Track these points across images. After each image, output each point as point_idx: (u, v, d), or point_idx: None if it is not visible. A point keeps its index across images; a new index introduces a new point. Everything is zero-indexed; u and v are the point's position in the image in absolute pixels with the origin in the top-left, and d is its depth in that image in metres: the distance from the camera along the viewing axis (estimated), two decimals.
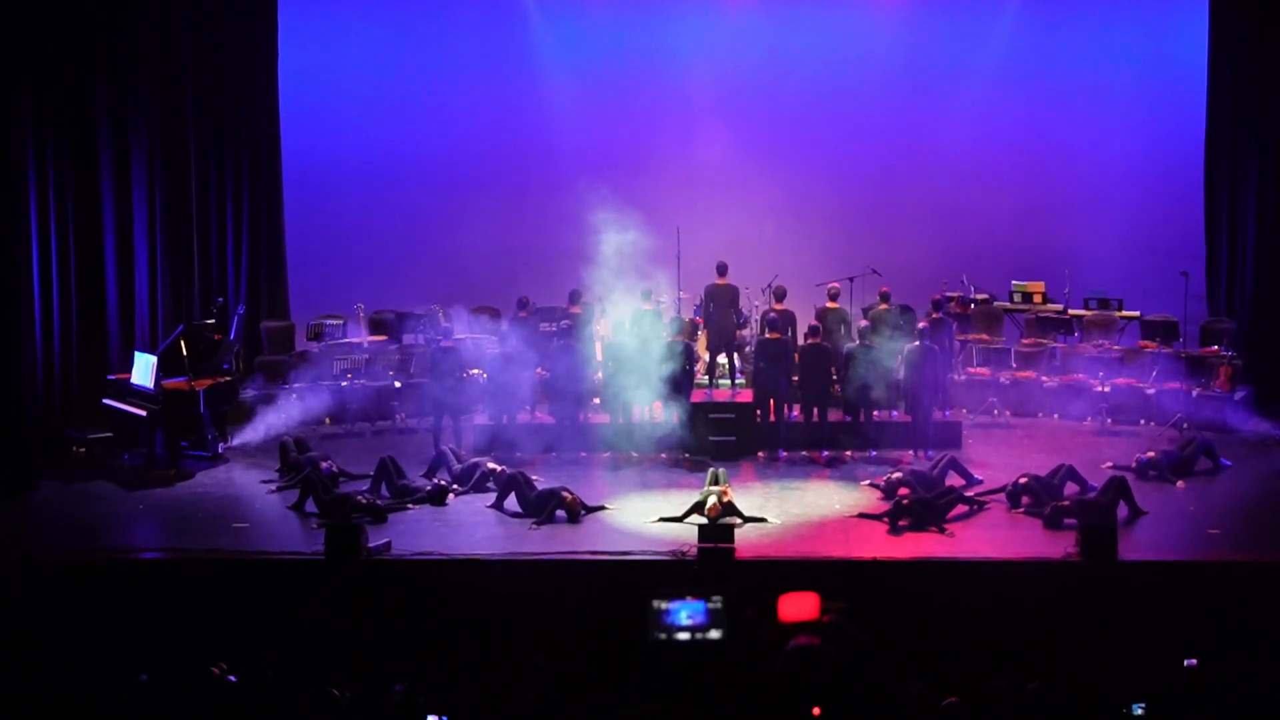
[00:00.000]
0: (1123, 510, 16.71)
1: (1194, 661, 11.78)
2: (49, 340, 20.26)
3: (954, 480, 18.10)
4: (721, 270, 21.23)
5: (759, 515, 16.84)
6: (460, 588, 15.07)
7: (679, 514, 16.75)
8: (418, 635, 14.51)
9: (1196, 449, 19.04)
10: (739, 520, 16.45)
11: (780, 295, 20.84)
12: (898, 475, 17.88)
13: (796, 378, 20.14)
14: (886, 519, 16.66)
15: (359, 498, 17.04)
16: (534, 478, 17.90)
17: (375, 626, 14.72)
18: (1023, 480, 17.34)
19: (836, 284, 21.56)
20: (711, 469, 17.66)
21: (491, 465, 18.40)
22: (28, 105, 19.76)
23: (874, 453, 19.92)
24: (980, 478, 18.32)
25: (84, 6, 20.77)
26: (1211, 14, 23.10)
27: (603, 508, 17.36)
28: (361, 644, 14.24)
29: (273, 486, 18.57)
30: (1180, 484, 18.34)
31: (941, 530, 16.39)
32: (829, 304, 21.21)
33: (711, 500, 16.57)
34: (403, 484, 17.92)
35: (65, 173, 20.54)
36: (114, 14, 21.22)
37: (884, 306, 21.18)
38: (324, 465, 18.23)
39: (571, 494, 17.13)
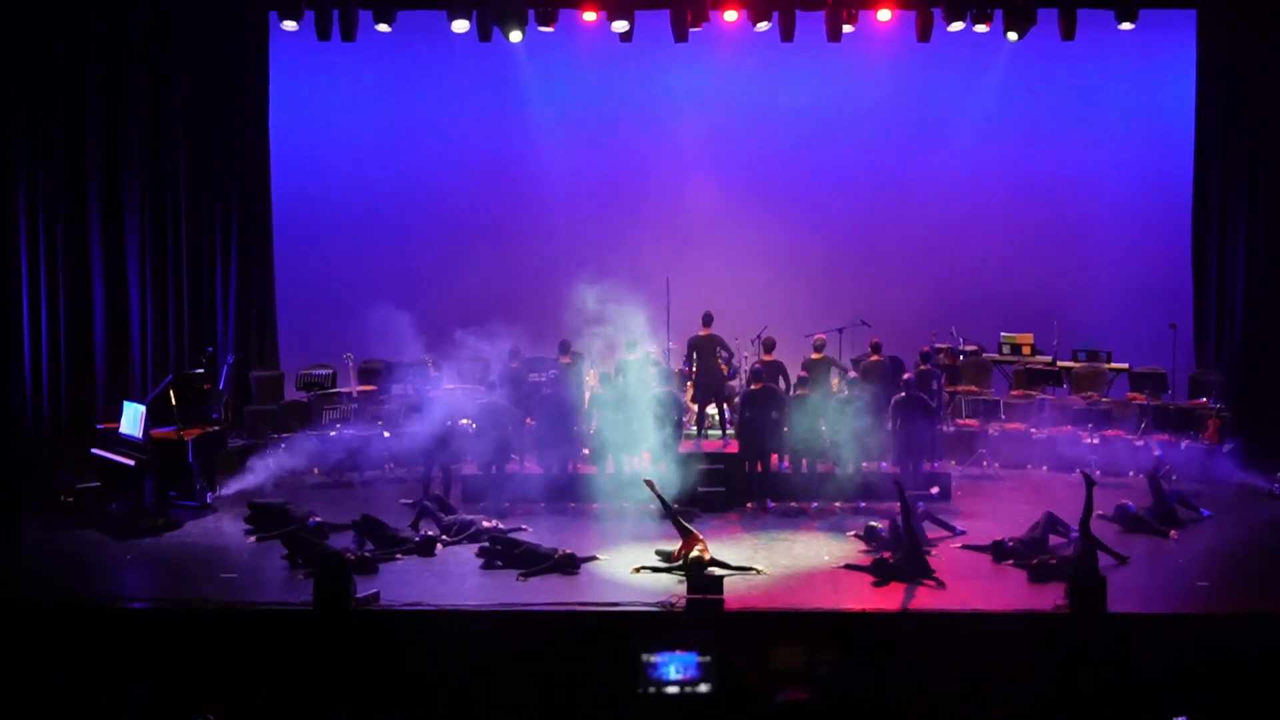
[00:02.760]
0: (1106, 559, 16.74)
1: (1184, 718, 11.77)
2: (38, 389, 20.28)
3: (935, 533, 18.15)
4: (707, 320, 21.26)
5: (747, 565, 16.83)
6: (449, 638, 15.02)
7: (664, 565, 16.76)
8: (407, 686, 14.48)
9: (1172, 497, 19.07)
10: (727, 571, 16.42)
11: (769, 346, 20.85)
12: (875, 523, 17.93)
13: (786, 429, 20.14)
14: (872, 573, 16.65)
15: (347, 554, 17.00)
16: (524, 529, 17.93)
17: (364, 677, 14.68)
18: (1009, 544, 17.36)
19: (822, 335, 21.59)
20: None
21: (486, 523, 18.33)
22: (20, 156, 19.83)
23: (863, 504, 19.91)
24: (962, 528, 18.39)
25: (75, 58, 20.84)
26: (1199, 66, 23.25)
27: (593, 558, 17.33)
28: (350, 694, 14.20)
29: (253, 538, 18.54)
30: (1174, 534, 18.39)
31: (931, 579, 16.37)
32: (814, 355, 21.23)
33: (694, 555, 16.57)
34: (391, 534, 17.87)
35: (56, 222, 20.60)
36: (105, 65, 21.29)
37: (875, 358, 21.23)
38: (310, 520, 18.20)
39: (563, 553, 17.08)
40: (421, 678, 14.64)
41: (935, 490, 20.02)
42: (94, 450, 20.04)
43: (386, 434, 21.94)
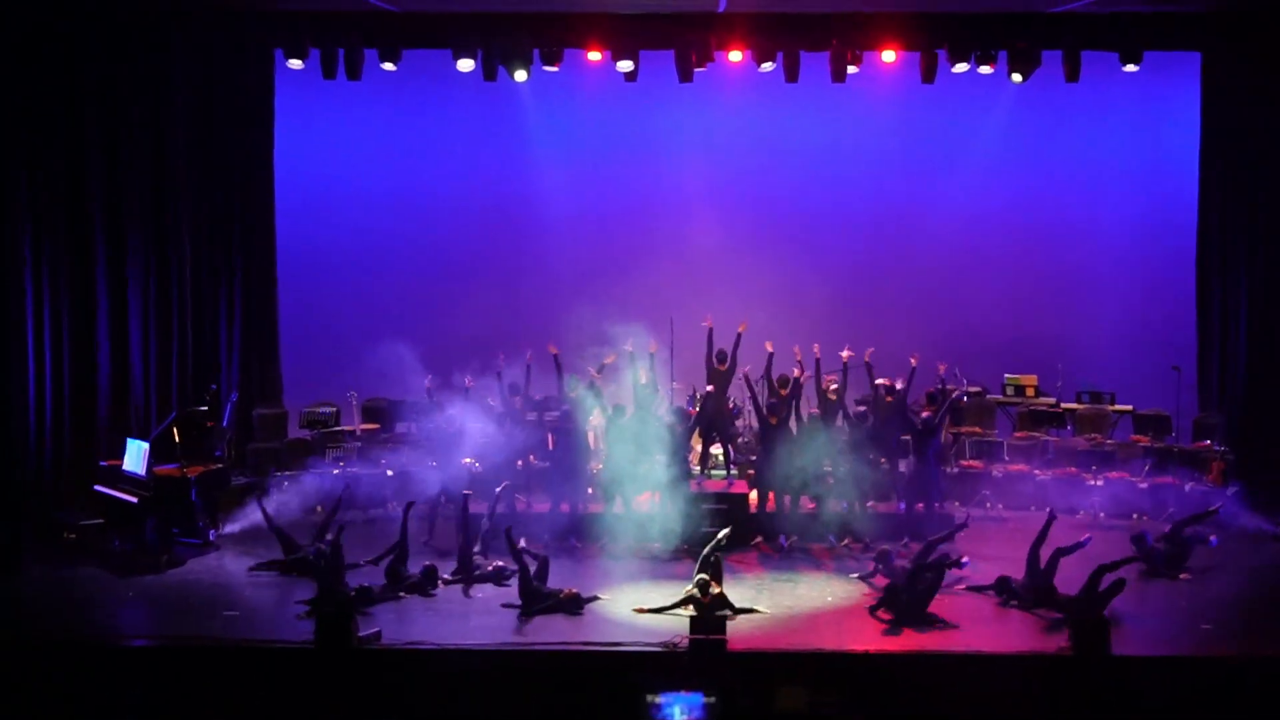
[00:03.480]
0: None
1: None
2: (41, 426, 20.24)
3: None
4: (721, 358, 21.23)
5: (750, 607, 16.80)
6: (451, 678, 14.99)
7: (666, 605, 16.73)
8: None
9: (1190, 540, 19.01)
10: (730, 612, 16.40)
11: (784, 383, 20.82)
12: (888, 547, 17.89)
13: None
14: (885, 605, 16.73)
15: (350, 592, 17.01)
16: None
17: (365, 716, 14.64)
18: (1015, 583, 17.39)
19: (835, 376, 21.46)
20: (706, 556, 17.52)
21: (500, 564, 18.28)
22: (23, 192, 19.87)
23: (869, 542, 19.86)
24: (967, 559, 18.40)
25: (79, 95, 20.88)
26: (1203, 109, 23.28)
27: (595, 598, 17.30)
28: None
29: (256, 567, 18.61)
30: (1184, 575, 18.46)
31: (927, 619, 16.40)
32: (830, 396, 21.16)
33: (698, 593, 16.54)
34: (397, 570, 17.87)
35: (59, 259, 20.59)
36: (109, 103, 21.33)
37: (889, 399, 21.23)
38: (312, 548, 18.19)
39: (568, 592, 17.06)
40: (423, 718, 14.60)
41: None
42: (97, 487, 20.01)
43: (390, 472, 21.91)
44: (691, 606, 16.35)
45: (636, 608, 16.84)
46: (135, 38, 21.68)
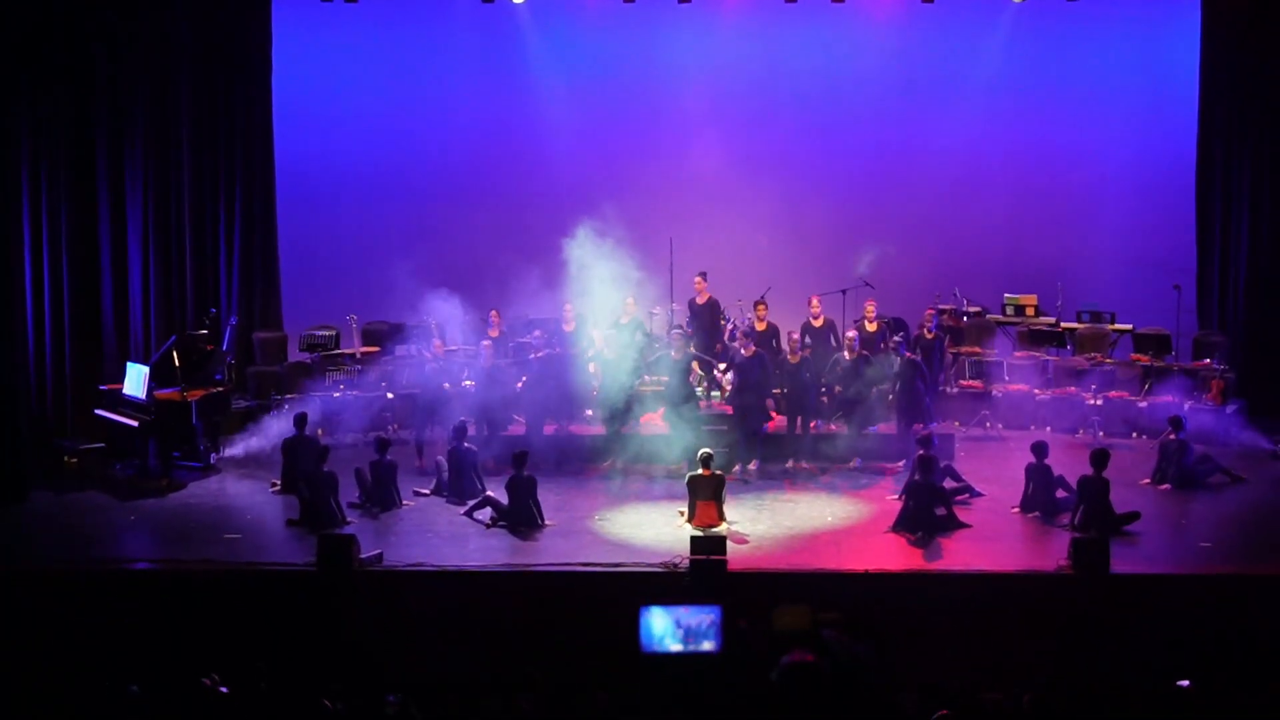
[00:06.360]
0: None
1: (1187, 683, 11.74)
2: (41, 351, 20.25)
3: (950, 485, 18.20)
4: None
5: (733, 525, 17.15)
6: (452, 599, 15.06)
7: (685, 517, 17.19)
8: (410, 646, 14.50)
9: (1213, 468, 19.15)
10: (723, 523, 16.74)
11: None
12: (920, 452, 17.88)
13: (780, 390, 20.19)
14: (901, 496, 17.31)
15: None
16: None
17: (367, 637, 14.70)
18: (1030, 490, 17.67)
19: (816, 298, 21.53)
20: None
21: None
22: (24, 117, 19.78)
23: (859, 462, 19.88)
24: (981, 490, 18.44)
25: (82, 20, 20.76)
26: (1204, 28, 23.11)
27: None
28: (354, 655, 14.22)
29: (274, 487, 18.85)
30: (1165, 486, 18.72)
31: (949, 516, 16.88)
32: (815, 322, 21.23)
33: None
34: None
35: (59, 183, 20.55)
36: (112, 27, 21.21)
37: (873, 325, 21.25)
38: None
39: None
40: (425, 638, 14.66)
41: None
42: (97, 411, 20.06)
43: (390, 395, 21.89)
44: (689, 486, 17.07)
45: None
46: None
